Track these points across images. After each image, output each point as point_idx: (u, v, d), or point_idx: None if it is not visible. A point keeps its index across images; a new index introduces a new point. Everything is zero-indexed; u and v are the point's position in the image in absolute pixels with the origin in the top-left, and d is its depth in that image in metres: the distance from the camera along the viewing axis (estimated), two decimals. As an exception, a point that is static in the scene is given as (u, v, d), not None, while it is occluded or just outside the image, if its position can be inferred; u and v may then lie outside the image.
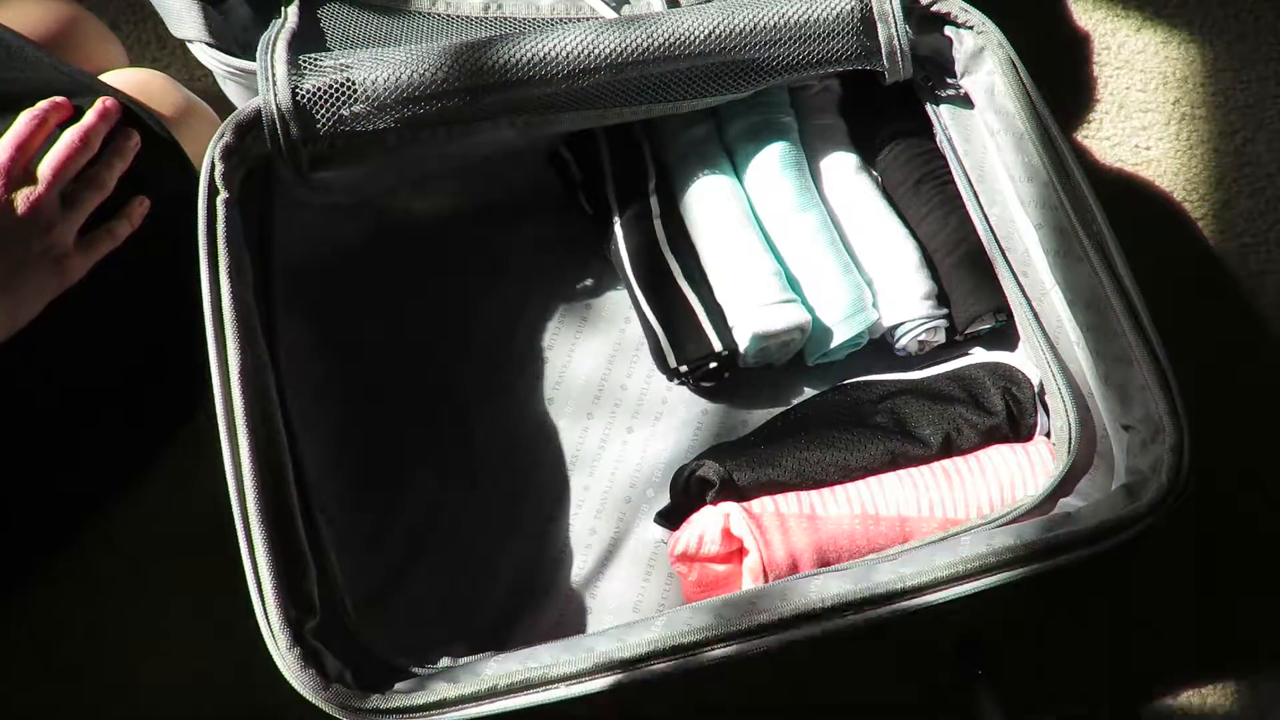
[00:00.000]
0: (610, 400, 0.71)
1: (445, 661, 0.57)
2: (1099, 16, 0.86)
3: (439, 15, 0.65)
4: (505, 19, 0.65)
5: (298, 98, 0.59)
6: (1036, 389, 0.68)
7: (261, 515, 0.53)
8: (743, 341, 0.68)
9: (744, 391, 0.72)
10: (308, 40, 0.64)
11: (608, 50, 0.61)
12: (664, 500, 0.67)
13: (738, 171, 0.72)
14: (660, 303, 0.68)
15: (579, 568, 0.67)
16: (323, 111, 0.59)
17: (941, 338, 0.71)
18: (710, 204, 0.70)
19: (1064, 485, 0.63)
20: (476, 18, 0.65)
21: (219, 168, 0.58)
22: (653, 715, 0.65)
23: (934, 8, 0.65)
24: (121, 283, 0.63)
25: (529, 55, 0.60)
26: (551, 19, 0.66)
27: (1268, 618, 0.71)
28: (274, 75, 0.59)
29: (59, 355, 0.62)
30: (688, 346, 0.68)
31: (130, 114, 0.61)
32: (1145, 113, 0.84)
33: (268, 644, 0.52)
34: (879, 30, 0.64)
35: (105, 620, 0.66)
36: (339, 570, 0.60)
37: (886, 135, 0.73)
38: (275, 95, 0.59)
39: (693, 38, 0.62)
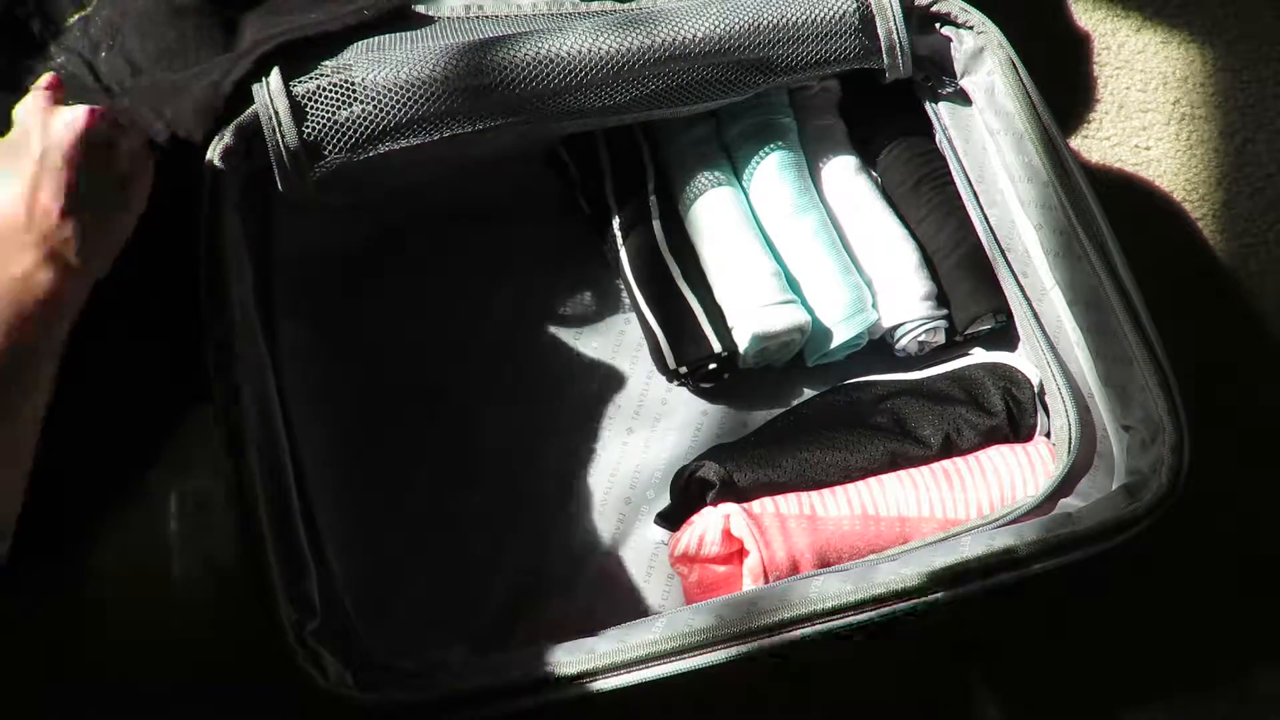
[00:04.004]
0: (610, 401, 0.71)
1: (445, 663, 0.57)
2: (1099, 16, 0.86)
3: (418, 16, 0.65)
4: (486, 17, 0.65)
5: (294, 99, 0.59)
6: (1036, 389, 0.68)
7: (261, 516, 0.53)
8: (742, 342, 0.68)
9: (744, 392, 0.72)
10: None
11: (608, 49, 0.61)
12: (664, 501, 0.67)
13: (737, 172, 0.72)
14: (659, 304, 0.68)
15: (579, 569, 0.67)
16: (320, 112, 0.59)
17: (941, 338, 0.71)
18: (709, 205, 0.70)
19: (1064, 485, 0.63)
20: (458, 18, 0.65)
21: (219, 169, 0.58)
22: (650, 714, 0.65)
23: (934, 8, 0.65)
24: (120, 283, 0.62)
25: (530, 54, 0.60)
26: (533, 15, 0.66)
27: (1267, 618, 0.71)
28: (268, 80, 0.59)
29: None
30: (687, 348, 0.68)
31: None
32: (1145, 113, 0.84)
33: (268, 645, 0.52)
34: (878, 27, 0.64)
35: (104, 619, 0.66)
36: (339, 571, 0.60)
37: (886, 136, 0.73)
38: (271, 99, 0.58)
39: (693, 39, 0.62)
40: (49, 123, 0.51)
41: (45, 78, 0.55)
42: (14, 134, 0.52)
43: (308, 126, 0.59)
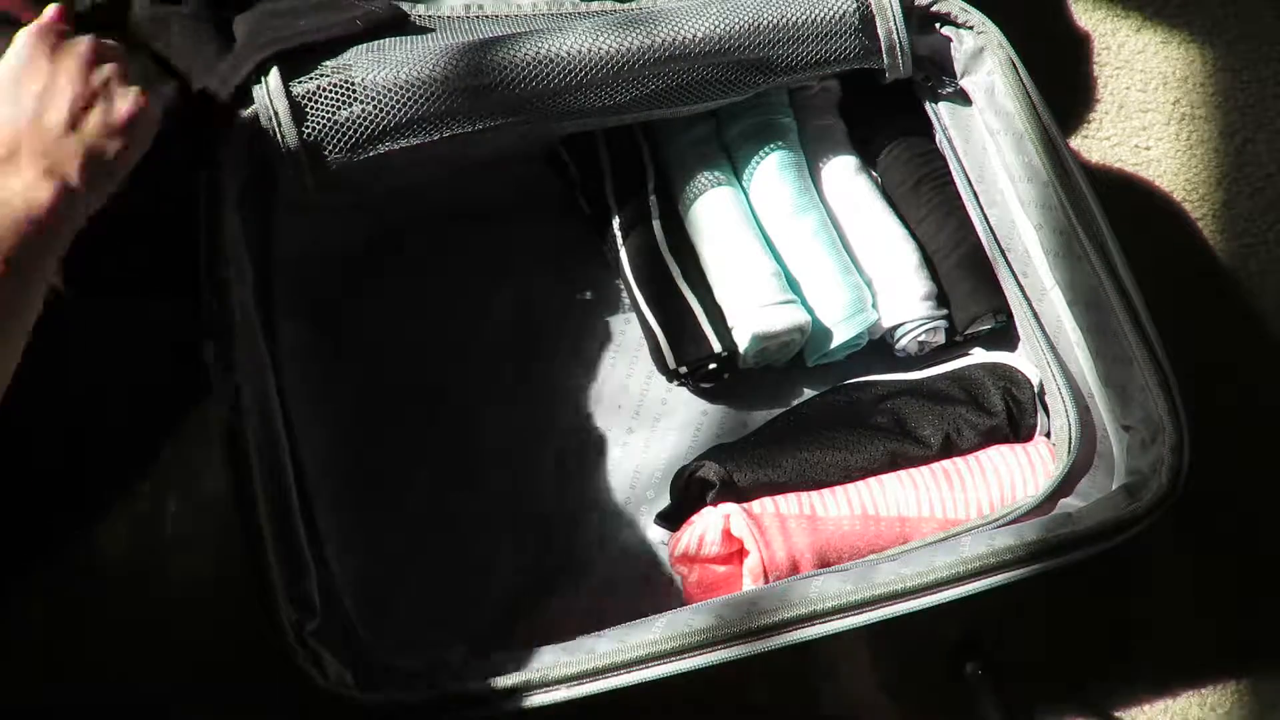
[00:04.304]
0: (610, 401, 0.71)
1: (445, 662, 0.57)
2: (1099, 16, 0.86)
3: (420, 17, 0.65)
4: (486, 17, 0.66)
5: (294, 99, 0.59)
6: (1036, 389, 0.68)
7: (262, 516, 0.53)
8: (742, 342, 0.68)
9: (744, 392, 0.72)
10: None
11: (608, 49, 0.61)
12: (664, 501, 0.67)
13: (737, 172, 0.72)
14: (659, 304, 0.68)
15: (579, 569, 0.67)
16: (320, 112, 0.59)
17: (941, 338, 0.71)
18: (710, 205, 0.70)
19: (1064, 485, 0.63)
20: (458, 18, 0.65)
21: (219, 169, 0.58)
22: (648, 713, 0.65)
23: (934, 8, 0.65)
24: (122, 284, 0.62)
25: (530, 54, 0.60)
26: (533, 15, 0.66)
27: (1267, 618, 0.71)
28: (268, 80, 0.59)
29: (57, 355, 0.62)
30: (687, 348, 0.68)
31: None
32: (1145, 113, 0.84)
33: (268, 645, 0.52)
34: (878, 27, 0.64)
35: (104, 619, 0.66)
36: (339, 571, 0.60)
37: (886, 136, 0.73)
38: (271, 100, 0.58)
39: (693, 39, 0.62)
40: (58, 46, 0.53)
41: (51, 9, 0.55)
42: (18, 56, 0.52)
43: (308, 127, 0.59)
